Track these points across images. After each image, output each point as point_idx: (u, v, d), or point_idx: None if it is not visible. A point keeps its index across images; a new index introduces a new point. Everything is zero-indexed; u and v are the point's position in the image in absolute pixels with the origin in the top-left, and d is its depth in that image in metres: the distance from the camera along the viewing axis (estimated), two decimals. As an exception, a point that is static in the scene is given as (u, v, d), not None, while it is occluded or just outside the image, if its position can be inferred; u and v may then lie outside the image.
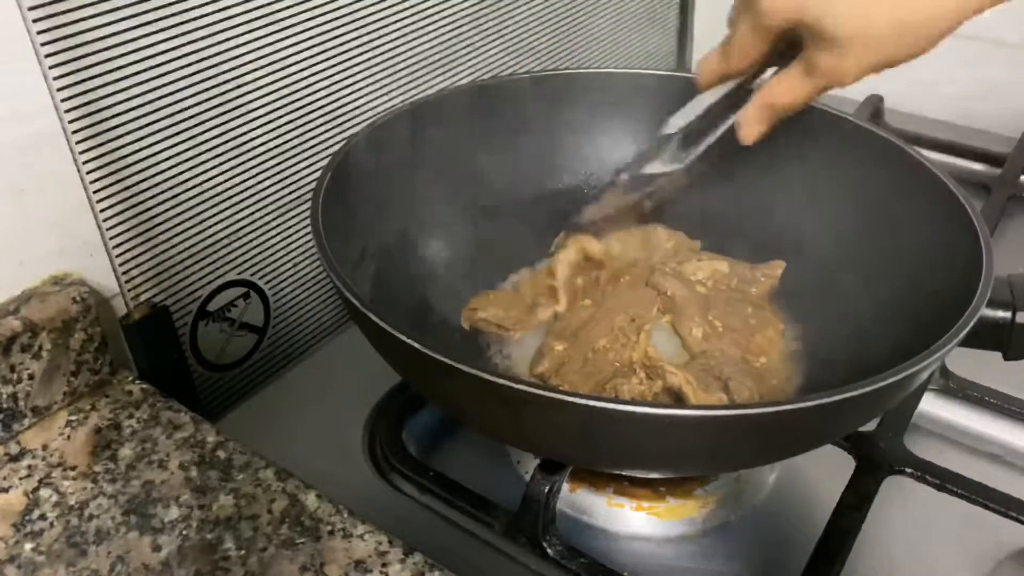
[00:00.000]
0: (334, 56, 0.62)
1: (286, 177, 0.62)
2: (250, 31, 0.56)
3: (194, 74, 0.54)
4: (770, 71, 0.52)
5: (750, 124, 0.51)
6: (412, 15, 0.67)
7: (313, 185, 0.64)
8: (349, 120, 0.65)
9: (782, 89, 0.50)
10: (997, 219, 0.74)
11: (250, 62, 0.57)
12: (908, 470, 0.52)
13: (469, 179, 0.62)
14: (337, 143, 0.65)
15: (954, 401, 0.57)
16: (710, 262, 0.60)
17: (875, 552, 0.49)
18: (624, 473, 0.51)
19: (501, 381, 0.38)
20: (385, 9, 0.64)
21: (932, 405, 0.57)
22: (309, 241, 0.66)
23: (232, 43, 0.55)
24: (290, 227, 0.64)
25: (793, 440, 0.42)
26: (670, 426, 0.37)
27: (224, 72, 0.56)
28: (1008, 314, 0.45)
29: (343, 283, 0.43)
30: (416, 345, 0.39)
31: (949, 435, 0.56)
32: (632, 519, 0.51)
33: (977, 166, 0.81)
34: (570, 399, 0.37)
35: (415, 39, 0.68)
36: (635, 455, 0.42)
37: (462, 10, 0.71)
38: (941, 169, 0.52)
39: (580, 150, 0.65)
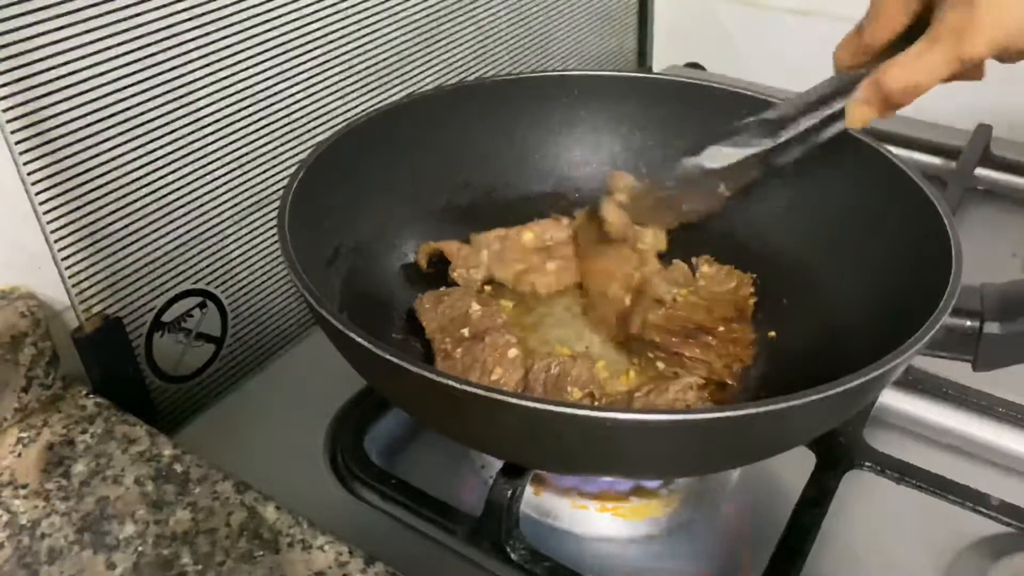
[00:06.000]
0: (288, 64, 0.62)
1: (240, 184, 0.62)
2: (200, 37, 0.55)
3: (143, 80, 0.53)
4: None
5: (859, 107, 0.48)
6: (368, 23, 0.66)
7: (267, 192, 0.64)
8: (305, 127, 0.64)
9: (906, 64, 0.46)
10: (952, 212, 0.74)
11: (201, 68, 0.56)
12: (868, 464, 0.52)
13: (445, 180, 0.62)
14: (292, 150, 0.64)
15: (913, 394, 0.57)
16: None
17: (837, 546, 0.49)
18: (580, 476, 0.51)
19: (444, 380, 0.37)
20: (339, 17, 0.64)
21: (891, 398, 0.57)
22: (266, 248, 0.65)
23: (182, 50, 0.55)
24: (246, 235, 0.63)
25: (742, 447, 0.42)
26: (612, 429, 0.36)
27: (174, 79, 0.55)
28: (976, 324, 0.44)
29: (301, 281, 0.42)
30: (364, 342, 0.39)
31: (908, 428, 0.57)
32: (597, 520, 0.51)
33: (932, 160, 0.82)
34: (510, 400, 0.37)
35: (372, 46, 0.67)
36: (581, 459, 0.42)
37: (421, 16, 0.71)
38: (920, 175, 0.52)
39: (551, 151, 0.65)
